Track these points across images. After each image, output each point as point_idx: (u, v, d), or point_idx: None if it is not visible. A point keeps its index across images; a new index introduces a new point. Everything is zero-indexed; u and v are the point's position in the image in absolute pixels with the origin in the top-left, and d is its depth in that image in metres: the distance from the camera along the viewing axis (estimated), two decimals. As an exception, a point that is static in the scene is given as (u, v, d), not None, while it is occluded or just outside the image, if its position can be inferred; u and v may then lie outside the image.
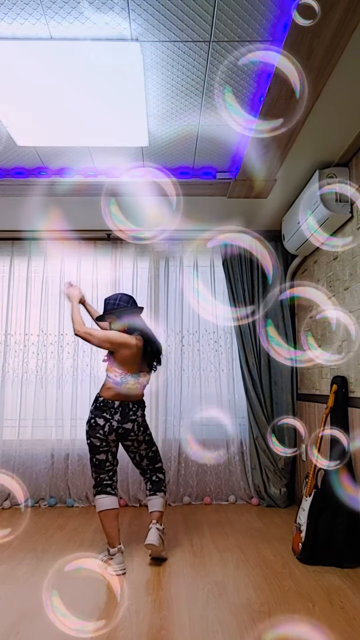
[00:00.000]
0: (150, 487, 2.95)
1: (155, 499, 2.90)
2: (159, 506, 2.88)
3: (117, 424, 2.77)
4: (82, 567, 2.73)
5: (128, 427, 2.80)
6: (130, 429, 2.81)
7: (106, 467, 2.81)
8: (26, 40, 2.07)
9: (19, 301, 4.33)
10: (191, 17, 1.98)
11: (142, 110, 2.56)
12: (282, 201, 3.73)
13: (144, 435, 2.91)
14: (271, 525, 3.53)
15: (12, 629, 2.09)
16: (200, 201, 3.65)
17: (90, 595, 2.42)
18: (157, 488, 2.94)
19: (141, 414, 2.89)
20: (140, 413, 2.87)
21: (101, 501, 2.77)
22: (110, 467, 2.83)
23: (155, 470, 2.99)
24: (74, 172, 3.29)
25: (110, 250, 4.37)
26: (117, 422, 2.77)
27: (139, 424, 2.85)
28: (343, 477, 2.20)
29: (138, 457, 2.96)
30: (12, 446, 4.14)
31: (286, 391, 4.19)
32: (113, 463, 2.84)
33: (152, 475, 2.98)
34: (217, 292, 4.37)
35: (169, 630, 2.08)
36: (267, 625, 2.11)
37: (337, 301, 3.28)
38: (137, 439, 2.87)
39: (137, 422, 2.84)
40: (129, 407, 2.82)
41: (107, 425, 2.76)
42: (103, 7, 1.92)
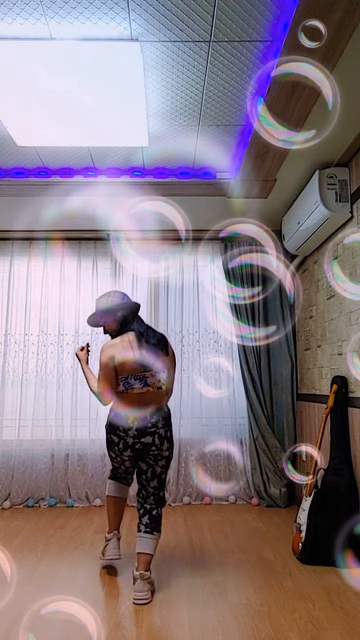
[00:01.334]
0: (148, 523, 2.49)
1: (150, 540, 2.46)
2: (152, 548, 2.45)
3: (132, 440, 2.44)
4: (58, 610, 2.28)
5: (147, 442, 2.44)
6: (150, 442, 2.45)
7: (119, 471, 2.69)
8: (26, 40, 2.07)
9: (19, 301, 4.33)
10: (191, 17, 1.98)
11: (142, 110, 2.56)
12: (282, 201, 3.74)
13: (168, 451, 2.52)
14: (271, 525, 3.53)
15: (12, 629, 2.09)
16: (200, 201, 3.65)
17: (91, 594, 2.42)
18: (155, 526, 2.50)
19: (162, 425, 2.48)
20: (161, 424, 2.48)
21: (111, 486, 2.74)
22: (125, 473, 2.71)
23: (157, 503, 2.56)
24: (73, 172, 3.29)
25: (110, 250, 4.37)
26: (132, 437, 2.44)
27: (160, 437, 2.47)
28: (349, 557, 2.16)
29: (150, 473, 2.52)
30: (12, 446, 4.14)
31: (286, 391, 4.19)
32: (127, 472, 2.67)
33: (153, 508, 2.53)
34: (217, 292, 4.36)
35: (169, 630, 2.08)
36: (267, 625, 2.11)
37: (337, 301, 3.28)
38: (161, 454, 2.49)
39: (158, 434, 2.46)
40: (147, 418, 2.47)
41: (121, 443, 2.46)
42: (103, 7, 1.92)
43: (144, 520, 2.50)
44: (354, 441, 2.95)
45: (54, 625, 2.12)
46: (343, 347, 3.17)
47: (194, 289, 4.37)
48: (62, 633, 2.05)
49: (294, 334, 4.31)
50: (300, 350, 4.18)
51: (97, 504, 4.04)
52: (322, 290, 3.58)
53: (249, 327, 4.13)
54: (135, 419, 2.45)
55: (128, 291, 4.26)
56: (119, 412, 2.48)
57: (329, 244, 3.45)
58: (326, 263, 2.93)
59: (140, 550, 2.44)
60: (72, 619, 2.18)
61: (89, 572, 2.69)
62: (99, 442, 4.15)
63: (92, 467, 4.12)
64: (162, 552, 3.00)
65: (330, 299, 3.42)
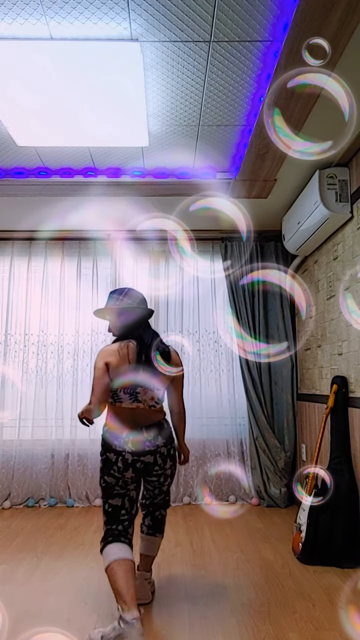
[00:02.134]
0: (151, 525, 2.40)
1: (153, 541, 2.38)
2: (154, 550, 2.39)
3: (132, 458, 2.15)
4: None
5: (148, 461, 2.18)
6: (152, 462, 2.19)
7: (121, 517, 2.16)
8: (26, 40, 2.07)
9: (19, 301, 4.33)
10: (191, 17, 1.98)
11: (142, 110, 2.56)
12: (282, 201, 3.74)
13: (171, 469, 2.29)
14: (271, 525, 3.53)
15: (12, 629, 2.09)
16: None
17: (90, 594, 2.42)
18: (158, 528, 2.40)
19: (163, 443, 2.23)
20: (162, 442, 2.22)
21: (110, 549, 2.07)
22: (126, 517, 2.17)
23: (163, 506, 2.43)
24: (73, 172, 3.29)
25: (110, 250, 4.37)
26: (131, 454, 2.16)
27: (163, 456, 2.22)
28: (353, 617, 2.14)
29: (157, 491, 2.33)
30: (12, 446, 4.14)
31: (286, 391, 4.19)
32: (131, 512, 2.20)
33: (157, 511, 2.41)
34: (217, 292, 4.37)
35: (169, 631, 2.08)
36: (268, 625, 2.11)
37: (337, 301, 3.28)
38: (165, 473, 2.26)
39: (159, 452, 2.21)
40: (145, 443, 2.20)
41: (120, 461, 2.15)
42: (103, 7, 1.92)
43: (147, 521, 2.42)
44: (354, 441, 2.95)
45: (53, 624, 2.12)
46: (343, 347, 3.17)
47: (194, 289, 4.36)
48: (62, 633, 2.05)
49: (294, 334, 4.31)
50: (300, 350, 4.18)
51: (97, 504, 4.04)
52: (322, 290, 3.58)
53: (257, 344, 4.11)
54: (134, 442, 2.18)
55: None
56: (111, 430, 2.22)
57: (329, 244, 3.45)
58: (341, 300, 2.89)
59: (143, 552, 2.40)
60: (71, 618, 2.18)
61: (89, 572, 2.69)
62: (99, 441, 4.14)
63: (92, 467, 4.12)
64: (162, 552, 3.00)
65: (330, 299, 3.42)
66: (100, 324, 4.27)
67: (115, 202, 3.61)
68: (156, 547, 2.40)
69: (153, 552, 2.40)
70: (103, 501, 2.20)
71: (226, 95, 2.49)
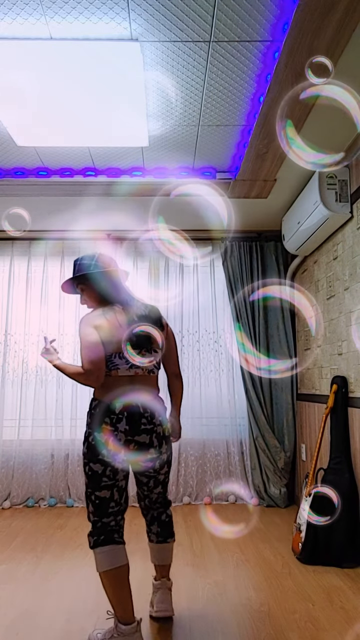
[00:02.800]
0: (159, 531, 2.15)
1: (165, 547, 2.16)
2: (169, 557, 2.18)
3: (125, 438, 1.90)
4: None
5: (143, 441, 1.93)
6: (147, 443, 1.94)
7: (109, 509, 1.92)
8: (26, 40, 2.07)
9: (19, 301, 4.33)
10: (191, 17, 1.98)
11: (142, 110, 2.56)
12: (282, 201, 3.74)
13: (167, 454, 2.05)
14: (271, 525, 3.53)
15: (12, 629, 2.09)
16: (200, 201, 3.65)
17: (90, 594, 2.42)
18: (168, 532, 2.17)
19: (160, 422, 1.99)
20: (158, 420, 1.98)
21: (103, 556, 1.88)
22: (116, 509, 1.94)
23: (165, 505, 2.19)
24: (73, 172, 3.29)
25: (110, 250, 4.37)
26: (124, 433, 1.90)
27: (159, 436, 1.97)
28: None
29: (153, 482, 2.09)
30: (12, 446, 4.14)
31: (286, 391, 4.19)
32: (120, 502, 1.95)
33: (162, 512, 2.17)
34: (217, 292, 4.37)
35: (169, 630, 2.08)
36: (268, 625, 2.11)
37: (337, 301, 3.28)
38: (161, 457, 2.00)
39: (155, 432, 1.96)
40: (140, 411, 1.94)
41: (111, 440, 1.92)
42: (103, 7, 1.92)
43: (154, 528, 2.15)
44: (354, 441, 2.95)
45: (53, 624, 2.12)
46: (343, 347, 3.17)
47: (193, 289, 4.37)
48: (62, 632, 2.05)
49: (294, 334, 4.31)
50: (300, 350, 4.18)
51: (97, 504, 4.04)
52: (322, 290, 3.58)
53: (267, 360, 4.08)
54: (124, 408, 1.92)
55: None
56: (102, 400, 1.95)
57: (328, 244, 3.45)
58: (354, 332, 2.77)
59: (159, 562, 2.18)
60: (71, 618, 2.18)
61: (89, 572, 2.69)
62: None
63: (92, 467, 4.11)
64: (162, 552, 3.00)
65: (330, 299, 3.42)
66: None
67: (116, 202, 3.61)
68: (170, 553, 2.19)
69: (168, 560, 2.19)
70: (87, 493, 1.94)
71: (226, 95, 2.49)
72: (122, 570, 1.88)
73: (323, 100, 2.50)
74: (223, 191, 3.48)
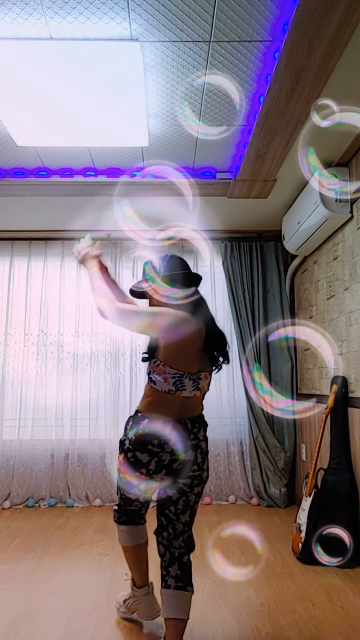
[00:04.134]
0: (179, 575, 1.83)
1: (183, 598, 1.80)
2: (187, 611, 1.79)
3: (170, 457, 1.79)
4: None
5: (189, 459, 1.81)
6: (192, 460, 1.82)
7: (133, 505, 2.02)
8: (26, 40, 2.07)
9: (19, 301, 4.33)
10: (191, 17, 1.98)
11: (142, 110, 2.56)
12: (282, 201, 3.73)
13: (207, 473, 1.91)
14: (271, 525, 3.53)
15: (12, 629, 2.09)
16: (200, 201, 3.65)
17: (90, 594, 2.42)
18: (188, 579, 1.85)
19: (204, 437, 1.90)
20: (202, 435, 1.89)
21: (124, 534, 2.05)
22: (141, 506, 2.06)
23: (188, 547, 1.91)
24: (73, 172, 3.29)
25: (110, 250, 4.37)
26: (169, 453, 1.79)
27: (203, 452, 1.87)
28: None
29: (182, 503, 1.85)
30: (12, 446, 4.14)
31: (286, 391, 4.19)
32: (145, 503, 2.06)
33: (183, 553, 1.88)
34: (217, 292, 4.36)
35: (169, 630, 2.08)
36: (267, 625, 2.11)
37: (337, 301, 3.28)
38: (201, 475, 1.86)
39: (200, 448, 1.85)
40: (188, 427, 1.83)
41: (153, 462, 1.79)
42: (103, 7, 1.92)
43: (173, 571, 1.82)
44: (354, 441, 2.95)
45: (53, 624, 2.12)
46: (343, 347, 3.17)
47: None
48: (62, 632, 2.05)
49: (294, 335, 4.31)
50: (300, 350, 4.18)
51: (97, 504, 4.04)
52: (322, 290, 3.58)
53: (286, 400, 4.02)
54: (175, 429, 1.80)
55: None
56: (152, 419, 1.80)
57: (329, 244, 3.46)
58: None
59: (173, 616, 1.75)
60: (71, 618, 2.18)
61: (89, 572, 2.69)
62: (99, 442, 4.15)
63: (92, 467, 4.12)
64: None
65: (330, 299, 3.42)
66: (101, 324, 4.25)
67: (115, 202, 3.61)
68: (188, 606, 1.80)
69: (186, 615, 1.78)
70: (118, 487, 1.99)
71: (226, 95, 2.49)
72: (140, 547, 2.07)
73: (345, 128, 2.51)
74: (223, 191, 3.48)
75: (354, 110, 1.80)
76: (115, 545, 3.04)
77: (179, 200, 3.58)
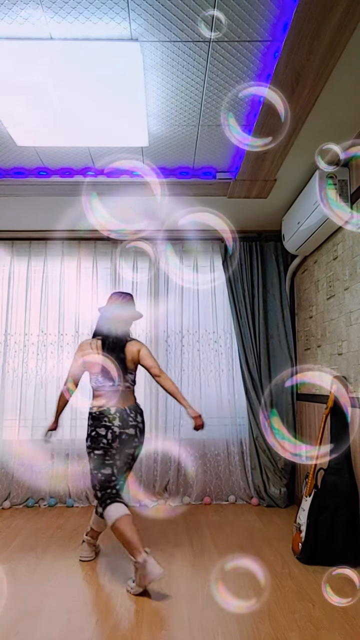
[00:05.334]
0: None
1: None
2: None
3: (119, 430, 2.65)
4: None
5: (131, 433, 2.68)
6: (133, 434, 2.69)
7: (112, 482, 2.61)
8: (26, 40, 2.07)
9: (19, 301, 4.33)
10: (191, 17, 1.98)
11: (142, 110, 2.56)
12: (282, 201, 3.74)
13: (143, 439, 2.79)
14: (271, 525, 3.53)
15: (12, 628, 2.09)
16: (200, 201, 3.65)
17: (90, 594, 2.42)
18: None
19: (141, 420, 2.76)
20: (140, 419, 2.75)
21: (111, 510, 2.49)
22: (116, 482, 2.63)
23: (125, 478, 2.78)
24: (73, 172, 3.29)
25: (110, 250, 4.37)
26: (118, 427, 2.65)
27: (140, 430, 2.73)
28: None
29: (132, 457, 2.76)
30: (12, 446, 4.14)
31: (286, 391, 4.19)
32: (119, 479, 2.66)
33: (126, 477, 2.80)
34: (217, 292, 4.36)
35: (169, 630, 2.08)
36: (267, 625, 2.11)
37: (337, 301, 3.28)
38: (141, 440, 2.75)
39: (139, 427, 2.72)
40: (127, 412, 2.71)
41: (109, 433, 2.64)
42: (103, 7, 1.92)
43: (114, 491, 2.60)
44: (354, 441, 2.95)
45: (53, 624, 2.12)
46: (343, 347, 3.17)
47: (193, 288, 4.36)
48: (62, 632, 2.05)
49: (294, 334, 4.31)
50: (300, 350, 4.18)
51: (97, 504, 4.04)
52: (322, 290, 3.58)
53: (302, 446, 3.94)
54: (118, 412, 2.67)
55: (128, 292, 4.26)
56: (103, 407, 2.69)
57: (328, 244, 3.46)
58: None
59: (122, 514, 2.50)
60: (71, 618, 2.18)
61: (88, 572, 2.69)
62: (99, 442, 4.15)
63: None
64: (162, 551, 3.00)
65: (330, 299, 3.42)
66: (100, 324, 4.25)
67: (115, 202, 3.61)
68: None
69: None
70: (94, 473, 2.60)
71: (226, 95, 2.49)
72: (128, 517, 2.46)
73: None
74: (223, 191, 3.48)
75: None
76: (116, 545, 3.05)
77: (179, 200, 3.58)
